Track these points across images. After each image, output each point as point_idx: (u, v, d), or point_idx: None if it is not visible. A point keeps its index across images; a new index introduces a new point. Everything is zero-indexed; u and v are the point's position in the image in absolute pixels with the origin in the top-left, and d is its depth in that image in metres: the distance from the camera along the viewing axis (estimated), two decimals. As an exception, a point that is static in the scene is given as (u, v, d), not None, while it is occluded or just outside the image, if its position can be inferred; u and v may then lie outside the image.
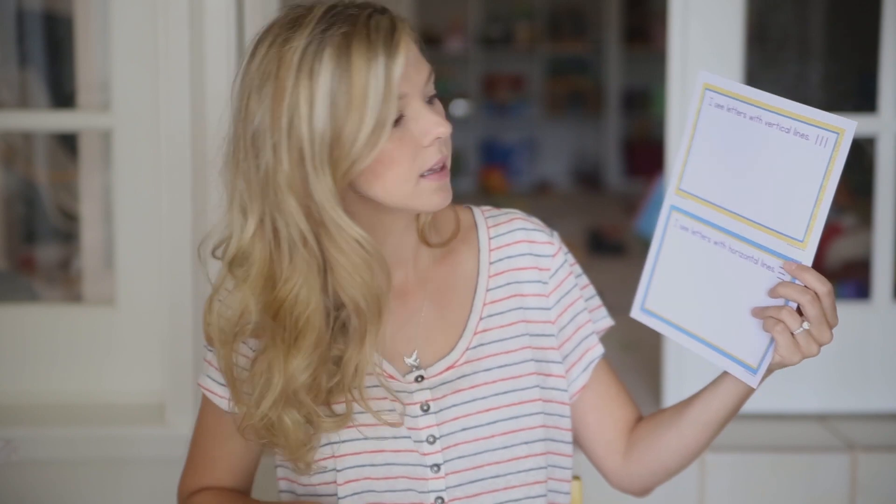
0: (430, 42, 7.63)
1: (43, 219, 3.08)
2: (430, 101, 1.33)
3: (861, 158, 3.02)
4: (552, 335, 1.46)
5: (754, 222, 1.33)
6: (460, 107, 8.27)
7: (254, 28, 2.23)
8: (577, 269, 1.52)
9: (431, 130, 1.30)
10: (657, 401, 2.45)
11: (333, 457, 1.39)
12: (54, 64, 2.84)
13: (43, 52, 2.87)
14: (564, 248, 1.50)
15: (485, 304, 1.45)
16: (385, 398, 1.39)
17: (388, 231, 1.39)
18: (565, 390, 1.46)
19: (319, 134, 1.25)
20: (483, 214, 1.51)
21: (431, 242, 1.45)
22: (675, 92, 2.40)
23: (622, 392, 1.52)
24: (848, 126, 1.26)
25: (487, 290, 1.46)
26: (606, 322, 1.54)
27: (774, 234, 1.31)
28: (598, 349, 1.50)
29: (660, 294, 1.42)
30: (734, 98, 1.34)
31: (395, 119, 1.27)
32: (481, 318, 1.45)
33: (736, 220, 1.34)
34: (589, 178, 8.24)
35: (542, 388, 1.44)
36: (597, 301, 1.53)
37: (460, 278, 1.47)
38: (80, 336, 2.28)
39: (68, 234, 2.95)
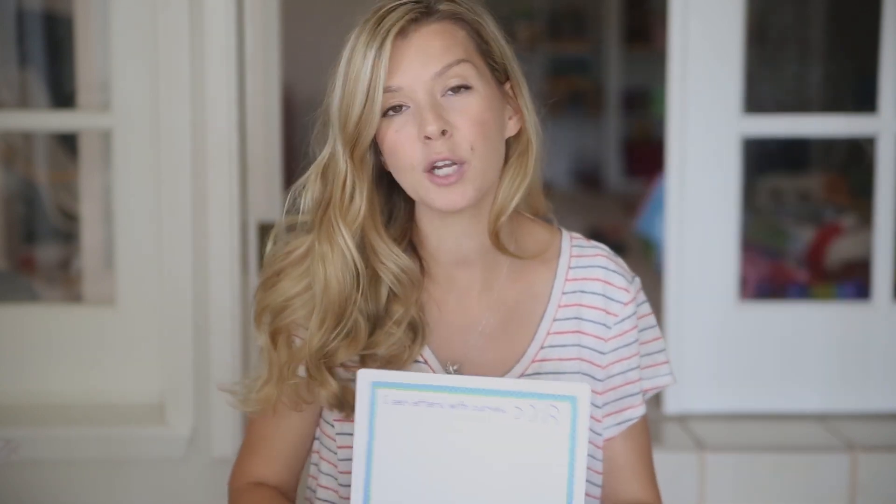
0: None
1: (43, 219, 3.08)
2: (453, 92, 1.34)
3: (861, 158, 3.02)
4: (599, 380, 1.44)
5: None
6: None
7: (254, 28, 2.24)
8: (647, 321, 1.48)
9: (419, 130, 1.33)
10: (658, 403, 2.45)
11: None
12: (54, 64, 2.84)
13: (43, 52, 2.87)
14: (640, 299, 1.47)
15: (549, 334, 1.43)
16: None
17: (448, 229, 1.41)
18: (600, 434, 1.44)
19: (334, 110, 1.37)
20: (571, 241, 1.49)
21: (501, 241, 1.41)
22: (675, 92, 2.40)
23: (638, 468, 1.47)
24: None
25: (554, 320, 1.44)
26: (665, 380, 1.50)
27: None
28: (639, 410, 1.46)
29: None
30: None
31: (381, 108, 1.34)
32: (542, 347, 1.43)
33: None
34: (589, 178, 8.24)
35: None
36: (661, 357, 1.50)
37: (530, 300, 1.45)
38: (79, 336, 2.28)
39: (68, 234, 2.95)
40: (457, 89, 1.34)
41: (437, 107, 1.33)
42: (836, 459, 2.27)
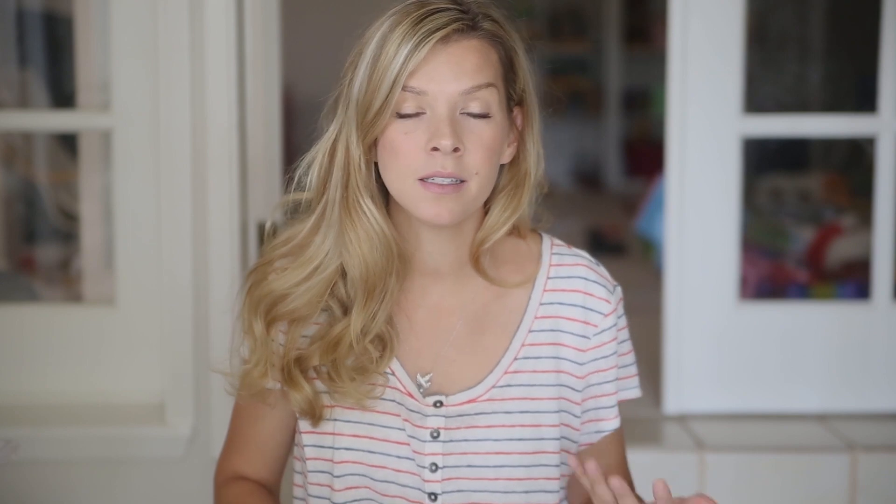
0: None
1: (43, 219, 3.07)
2: (472, 116, 1.33)
3: (861, 158, 3.02)
4: (578, 391, 1.42)
5: None
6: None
7: (254, 28, 2.23)
8: (624, 334, 1.47)
9: (430, 139, 1.32)
10: (657, 403, 2.45)
11: (334, 434, 1.40)
12: (54, 64, 2.84)
13: (43, 52, 2.87)
14: (619, 311, 1.45)
15: (523, 345, 1.41)
16: (390, 404, 1.39)
17: (421, 238, 1.39)
18: (576, 442, 1.44)
19: (355, 94, 1.34)
20: (551, 248, 1.46)
21: (481, 266, 1.41)
22: (675, 92, 2.40)
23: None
24: None
25: (530, 331, 1.42)
26: (633, 393, 1.49)
27: None
28: (613, 423, 1.45)
29: None
30: None
31: (397, 104, 1.32)
32: (516, 359, 1.41)
33: None
34: (589, 178, 8.24)
35: (564, 438, 1.41)
36: (632, 370, 1.49)
37: (505, 309, 1.43)
38: (79, 336, 2.28)
39: (68, 234, 2.95)
40: (471, 114, 1.34)
41: (454, 122, 1.32)
42: (836, 459, 2.27)
